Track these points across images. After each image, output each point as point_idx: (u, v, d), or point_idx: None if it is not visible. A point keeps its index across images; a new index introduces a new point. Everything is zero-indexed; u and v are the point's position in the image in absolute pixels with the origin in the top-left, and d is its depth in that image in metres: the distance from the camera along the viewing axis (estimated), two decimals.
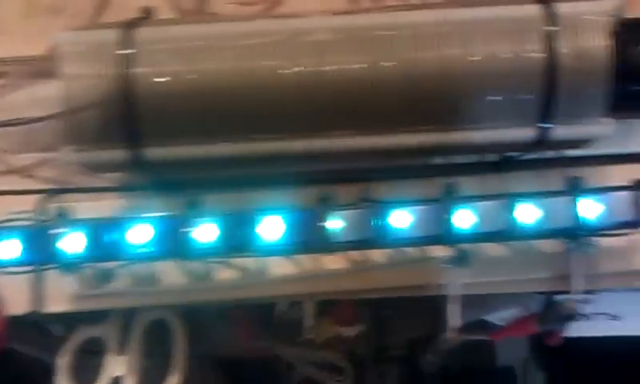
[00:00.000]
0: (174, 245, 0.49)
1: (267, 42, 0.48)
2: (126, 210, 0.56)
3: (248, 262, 0.58)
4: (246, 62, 0.47)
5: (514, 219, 0.50)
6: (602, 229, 0.50)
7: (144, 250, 0.48)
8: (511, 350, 0.97)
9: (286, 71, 0.47)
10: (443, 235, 0.50)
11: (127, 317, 0.69)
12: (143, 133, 0.48)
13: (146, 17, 0.53)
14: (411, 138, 0.49)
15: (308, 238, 0.49)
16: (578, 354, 0.79)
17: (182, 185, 0.55)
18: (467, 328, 0.74)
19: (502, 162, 0.57)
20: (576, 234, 0.50)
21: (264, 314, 0.76)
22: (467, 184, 0.57)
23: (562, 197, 0.50)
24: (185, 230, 0.49)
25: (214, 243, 0.49)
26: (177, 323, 0.71)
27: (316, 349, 0.78)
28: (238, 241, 0.49)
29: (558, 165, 0.58)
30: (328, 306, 0.77)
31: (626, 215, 0.49)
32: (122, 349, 0.69)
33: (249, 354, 0.81)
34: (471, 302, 0.73)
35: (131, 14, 0.53)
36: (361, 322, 0.77)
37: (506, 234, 0.50)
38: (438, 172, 0.57)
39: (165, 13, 0.61)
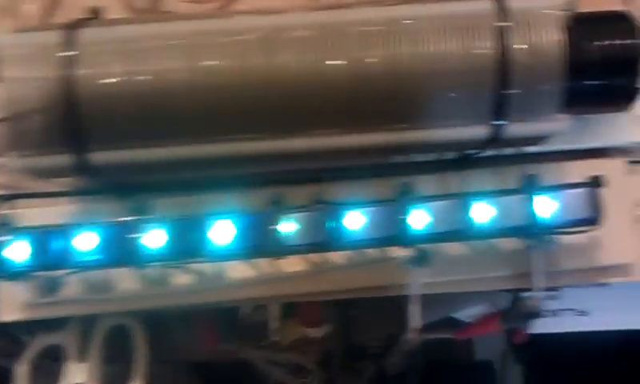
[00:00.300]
0: (121, 251, 0.47)
1: (213, 42, 0.47)
2: (77, 215, 0.55)
3: (205, 266, 0.57)
4: (191, 62, 0.46)
5: (469, 218, 0.49)
6: (558, 226, 0.49)
7: (91, 257, 0.47)
8: (489, 345, 0.97)
9: (233, 71, 0.46)
10: (398, 236, 0.49)
11: (87, 323, 0.68)
12: (88, 137, 0.47)
13: (92, 17, 0.51)
14: (362, 138, 0.48)
15: (260, 242, 0.48)
16: (555, 347, 0.79)
17: (132, 189, 0.54)
18: (435, 326, 0.73)
19: (461, 159, 0.56)
20: (532, 232, 0.50)
21: (228, 317, 0.75)
22: (425, 182, 0.57)
23: (517, 195, 0.49)
24: (133, 235, 0.47)
25: (163, 249, 0.48)
26: (137, 329, 0.69)
27: (282, 351, 0.77)
28: (188, 246, 0.48)
29: (517, 161, 0.57)
30: (293, 308, 0.76)
31: (583, 212, 0.49)
32: (82, 356, 0.68)
33: (214, 358, 0.79)
34: (439, 299, 0.73)
35: (83, 14, 0.52)
36: (327, 323, 0.77)
37: (462, 233, 0.49)
38: (394, 171, 0.56)
39: (117, 12, 0.60)
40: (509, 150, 0.57)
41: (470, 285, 0.60)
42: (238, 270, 0.57)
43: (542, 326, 0.75)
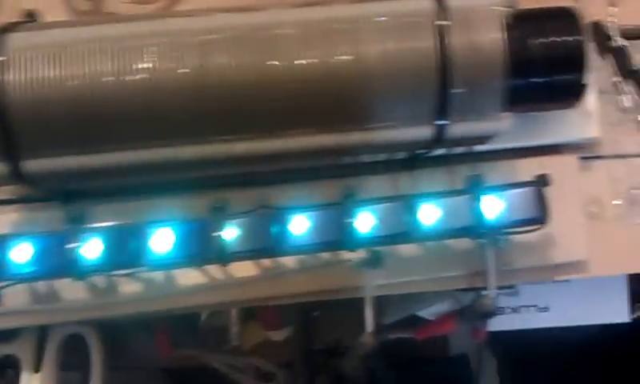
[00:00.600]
0: (59, 262, 0.46)
1: (149, 44, 0.45)
2: (16, 224, 0.53)
3: (154, 273, 0.56)
4: (125, 66, 0.44)
5: (415, 220, 0.48)
6: (505, 226, 0.49)
7: (28, 268, 0.46)
8: (465, 339, 0.97)
9: (170, 74, 0.45)
10: (344, 239, 0.48)
11: (42, 333, 0.67)
12: (19, 144, 0.45)
13: (27, 21, 0.50)
14: (305, 141, 0.47)
15: (203, 250, 0.47)
16: (528, 340, 0.79)
17: (71, 196, 0.53)
18: (396, 326, 0.73)
19: (410, 159, 0.55)
20: (478, 232, 0.49)
21: (188, 323, 0.74)
22: (375, 183, 0.56)
23: (463, 195, 0.48)
24: (70, 246, 0.46)
25: (102, 259, 0.46)
26: (93, 337, 0.68)
27: (244, 355, 0.76)
28: (127, 255, 0.46)
29: (468, 160, 0.57)
30: (254, 312, 0.75)
31: (529, 212, 0.48)
32: (37, 365, 0.67)
33: (175, 364, 0.78)
34: (404, 298, 0.72)
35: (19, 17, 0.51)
36: (289, 326, 0.76)
37: (408, 235, 0.49)
38: (343, 172, 0.55)
39: (58, 15, 0.58)
40: (460, 149, 0.56)
41: (425, 285, 0.59)
42: (189, 277, 0.56)
43: (502, 323, 0.75)
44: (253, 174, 0.52)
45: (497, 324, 0.73)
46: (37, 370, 0.66)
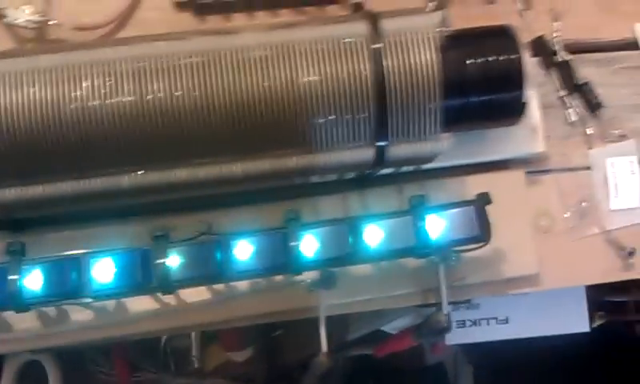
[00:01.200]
0: (6, 294, 0.46)
1: (85, 73, 0.45)
2: None
3: (107, 302, 0.56)
4: (61, 95, 0.44)
5: (360, 242, 0.48)
6: (448, 245, 0.49)
7: None
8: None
9: (105, 104, 0.45)
10: (288, 263, 0.48)
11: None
12: None
13: None
14: (246, 166, 0.48)
15: (145, 279, 0.47)
16: (501, 348, 0.79)
17: (9, 226, 0.52)
18: (356, 343, 0.73)
19: (360, 179, 0.55)
20: (422, 252, 0.49)
21: (148, 345, 0.74)
22: (326, 203, 0.56)
23: (405, 216, 0.48)
24: (11, 278, 0.46)
25: (43, 290, 0.46)
26: (51, 364, 0.68)
27: (206, 377, 0.76)
28: (68, 286, 0.46)
29: (416, 178, 0.57)
30: (215, 333, 0.75)
31: (470, 231, 0.48)
32: None
33: None
34: (365, 313, 0.72)
35: None
36: (250, 346, 0.76)
37: (353, 257, 0.49)
38: (292, 193, 0.55)
39: (4, 43, 0.58)
40: (408, 168, 0.56)
41: (379, 303, 0.59)
42: (140, 303, 0.56)
43: (463, 336, 0.75)
44: (196, 198, 0.52)
45: (458, 337, 0.73)
46: None
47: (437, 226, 0.48)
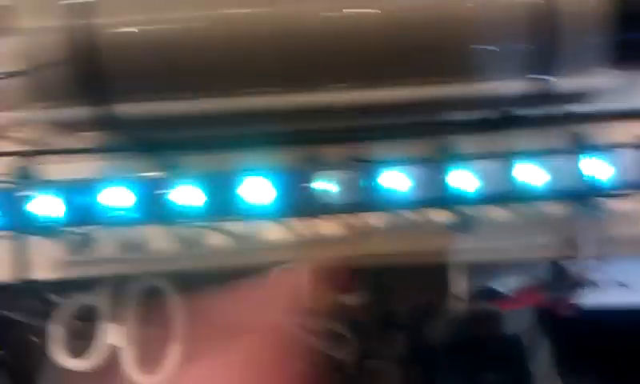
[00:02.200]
0: (154, 209, 0.46)
1: None
2: (103, 172, 0.53)
3: (240, 227, 0.56)
4: (219, 10, 0.44)
5: (517, 180, 0.46)
6: (611, 189, 0.46)
7: (122, 213, 0.45)
8: (517, 318, 0.95)
9: (262, 21, 0.44)
10: (441, 197, 0.47)
11: (121, 284, 0.67)
12: (110, 89, 0.45)
13: None
14: (400, 93, 0.46)
15: (295, 201, 0.46)
16: (584, 321, 0.77)
17: (160, 146, 0.52)
18: (475, 296, 0.71)
19: (502, 119, 0.53)
20: (583, 195, 0.47)
21: None
22: (464, 143, 0.54)
23: (567, 155, 0.46)
24: (165, 192, 0.46)
25: (197, 207, 0.46)
26: (172, 290, 0.69)
27: (316, 317, 0.75)
28: (221, 204, 0.46)
29: (560, 122, 0.54)
30: (328, 274, 0.74)
31: (635, 175, 0.45)
32: (116, 317, 0.67)
33: None
34: (477, 268, 0.71)
35: None
36: (362, 290, 0.75)
37: (509, 195, 0.47)
38: (433, 131, 0.53)
39: None
40: (551, 110, 0.54)
41: (514, 252, 0.57)
42: (273, 232, 0.55)
43: (585, 298, 0.72)
44: (345, 130, 0.51)
45: (578, 298, 0.70)
46: (116, 321, 0.67)
47: (601, 168, 0.46)
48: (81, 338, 0.68)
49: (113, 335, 0.67)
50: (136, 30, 0.43)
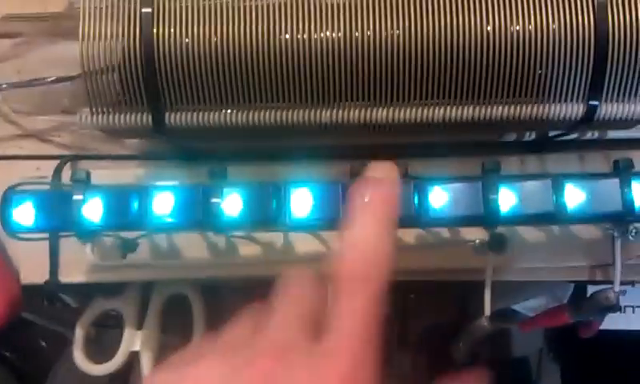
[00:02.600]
0: (198, 216, 0.46)
1: (298, 5, 0.45)
2: (147, 178, 0.54)
3: (273, 237, 0.56)
4: (272, 25, 0.44)
5: (558, 201, 0.47)
6: None
7: (168, 219, 0.46)
8: (526, 341, 0.95)
9: (314, 36, 0.44)
10: (482, 216, 0.47)
11: (145, 290, 0.67)
12: (164, 97, 0.46)
13: None
14: (452, 112, 0.46)
15: (337, 215, 0.46)
16: (592, 346, 0.77)
17: (204, 155, 0.53)
18: (497, 316, 0.71)
19: (543, 141, 0.54)
20: (623, 219, 0.47)
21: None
22: (505, 164, 0.55)
23: (609, 179, 0.46)
24: (211, 200, 0.46)
25: (240, 216, 0.46)
26: (197, 299, 0.69)
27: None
28: (264, 214, 0.46)
29: (600, 147, 0.55)
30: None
31: None
32: (139, 323, 0.67)
33: None
34: (501, 289, 0.71)
35: None
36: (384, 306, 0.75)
37: (550, 216, 0.47)
38: (474, 151, 0.54)
39: None
40: (591, 135, 0.54)
41: (545, 274, 0.58)
42: (305, 244, 0.56)
43: (609, 322, 0.72)
44: (388, 146, 0.51)
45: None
46: (139, 327, 0.67)
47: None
48: (102, 344, 0.68)
49: (135, 341, 0.67)
50: (191, 41, 0.44)
